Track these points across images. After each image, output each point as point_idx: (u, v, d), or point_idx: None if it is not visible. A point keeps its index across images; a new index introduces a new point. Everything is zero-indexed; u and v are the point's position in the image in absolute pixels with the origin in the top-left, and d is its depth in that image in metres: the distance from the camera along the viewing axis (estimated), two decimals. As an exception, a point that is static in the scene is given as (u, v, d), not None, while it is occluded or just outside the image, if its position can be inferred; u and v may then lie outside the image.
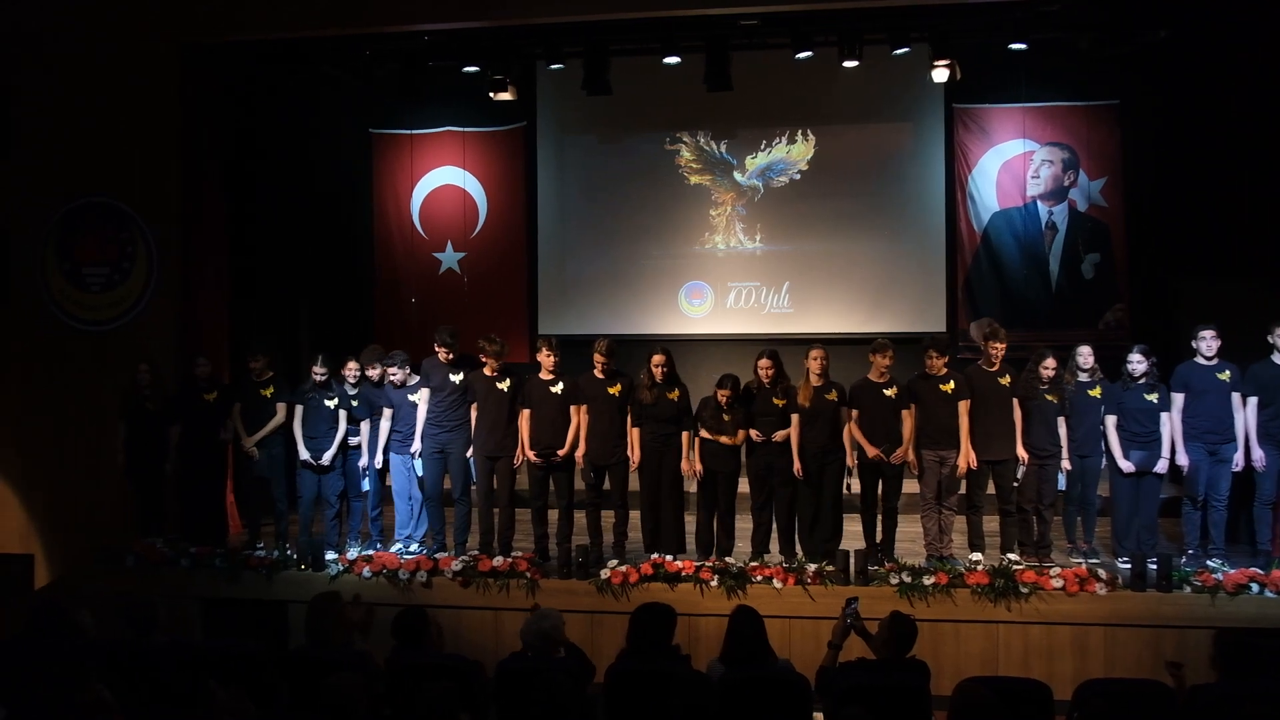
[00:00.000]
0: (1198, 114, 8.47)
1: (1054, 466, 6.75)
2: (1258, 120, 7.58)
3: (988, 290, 10.00)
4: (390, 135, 10.60)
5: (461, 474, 7.05)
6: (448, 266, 10.59)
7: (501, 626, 6.35)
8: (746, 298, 10.33)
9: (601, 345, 6.79)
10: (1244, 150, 7.83)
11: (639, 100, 9.91)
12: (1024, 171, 9.94)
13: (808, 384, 6.62)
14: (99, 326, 7.91)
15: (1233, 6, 7.43)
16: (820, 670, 4.60)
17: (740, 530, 6.92)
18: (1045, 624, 6.12)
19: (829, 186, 10.16)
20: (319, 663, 4.41)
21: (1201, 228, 8.53)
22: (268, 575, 6.76)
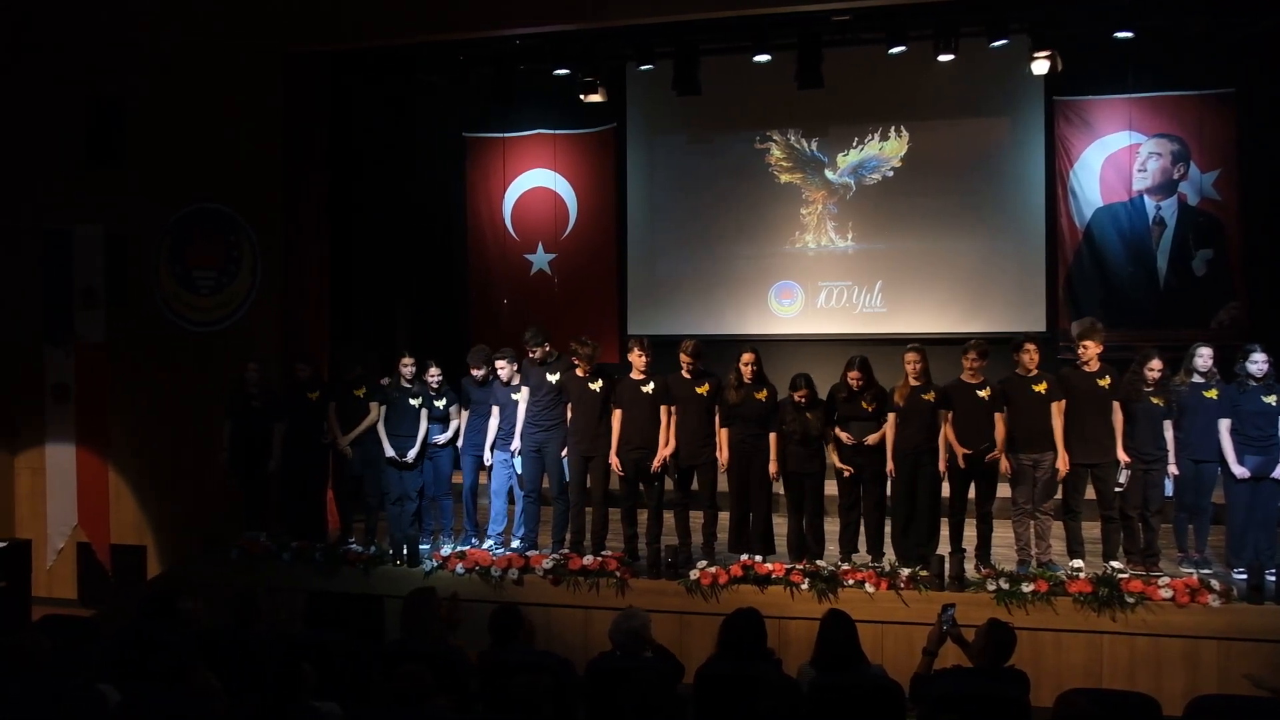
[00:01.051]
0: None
1: (1160, 472, 6.49)
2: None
3: (1090, 289, 9.66)
4: (483, 139, 10.78)
5: (558, 473, 7.13)
6: (538, 268, 10.72)
7: (591, 625, 6.39)
8: (838, 297, 10.19)
9: (688, 346, 6.78)
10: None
11: (729, 99, 9.88)
12: (1130, 165, 9.57)
13: (905, 384, 6.49)
14: (208, 327, 8.24)
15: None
16: (914, 677, 4.51)
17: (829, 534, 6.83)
18: (1153, 636, 5.88)
19: (923, 183, 9.96)
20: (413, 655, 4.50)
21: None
22: (364, 570, 6.93)
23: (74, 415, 8.41)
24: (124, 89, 8.29)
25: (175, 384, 8.20)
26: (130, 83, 8.28)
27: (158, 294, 8.31)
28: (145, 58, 8.24)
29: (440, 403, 7.42)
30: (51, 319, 8.43)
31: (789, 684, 4.16)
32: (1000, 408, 6.44)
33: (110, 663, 4.48)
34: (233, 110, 8.11)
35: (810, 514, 6.69)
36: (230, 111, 8.11)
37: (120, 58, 8.28)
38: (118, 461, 8.36)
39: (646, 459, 6.79)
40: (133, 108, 8.30)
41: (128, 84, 8.28)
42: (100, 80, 8.32)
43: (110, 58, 8.30)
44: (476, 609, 6.19)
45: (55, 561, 8.44)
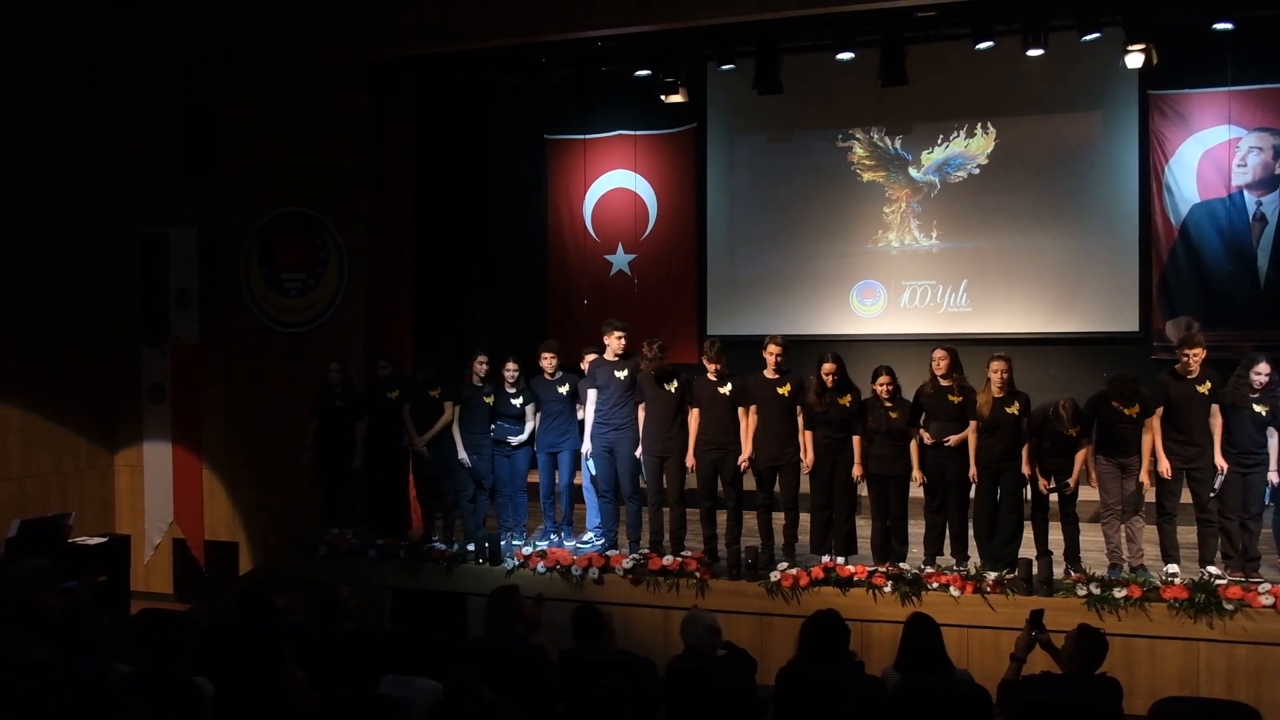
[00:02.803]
0: None
1: (1260, 476, 6.24)
2: None
3: (1186, 288, 9.33)
4: (564, 140, 10.88)
5: (630, 472, 7.15)
6: (618, 269, 10.77)
7: (670, 625, 6.36)
8: (922, 297, 10.02)
9: (774, 341, 6.72)
10: None
11: (810, 98, 9.80)
12: (1229, 160, 9.21)
13: (988, 393, 6.35)
14: (296, 328, 8.46)
15: None
16: (1002, 684, 4.41)
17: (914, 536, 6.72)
18: (1253, 644, 5.67)
19: (1011, 181, 9.73)
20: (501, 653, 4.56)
21: None
22: (447, 568, 7.04)
23: (170, 414, 8.69)
24: (215, 96, 8.57)
25: (265, 384, 8.43)
26: (221, 90, 8.55)
27: (248, 296, 8.56)
28: (235, 66, 8.50)
29: (517, 401, 7.49)
30: (148, 321, 8.74)
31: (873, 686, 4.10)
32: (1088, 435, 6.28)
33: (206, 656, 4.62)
34: (319, 115, 8.32)
35: (894, 516, 6.60)
36: (316, 117, 8.33)
37: (211, 66, 8.56)
38: (211, 459, 8.63)
39: (723, 459, 6.78)
40: (223, 115, 8.57)
41: (218, 92, 8.56)
42: (192, 88, 8.62)
43: (201, 66, 8.58)
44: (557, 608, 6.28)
45: (152, 556, 8.73)
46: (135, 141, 8.79)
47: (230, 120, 8.57)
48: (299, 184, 8.42)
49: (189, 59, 8.63)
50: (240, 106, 8.53)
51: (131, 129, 8.79)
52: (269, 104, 8.43)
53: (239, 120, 8.53)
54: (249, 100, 8.50)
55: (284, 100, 8.40)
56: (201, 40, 8.59)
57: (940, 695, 4.16)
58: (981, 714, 4.11)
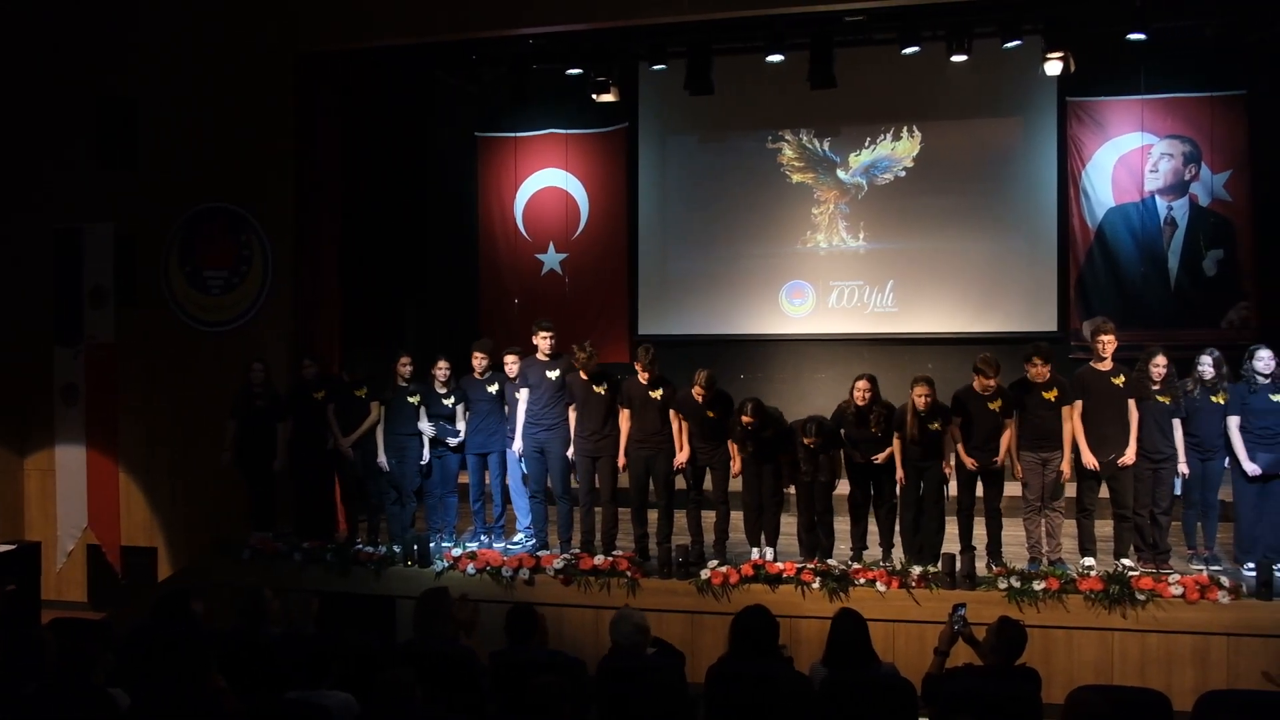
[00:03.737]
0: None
1: (1169, 470, 6.47)
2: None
3: (1102, 289, 9.64)
4: (495, 138, 10.81)
5: (562, 472, 7.14)
6: (549, 268, 10.74)
7: (602, 625, 6.34)
8: (849, 297, 10.18)
9: (701, 377, 6.58)
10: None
11: (741, 99, 9.89)
12: (1142, 166, 9.55)
13: (913, 416, 6.42)
14: (218, 327, 8.25)
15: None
16: (926, 677, 4.50)
17: (840, 531, 6.82)
18: (1163, 633, 5.88)
19: (935, 183, 9.95)
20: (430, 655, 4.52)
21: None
22: (376, 570, 6.94)
23: (84, 416, 8.40)
24: (134, 89, 8.31)
25: (186, 384, 8.20)
26: (141, 82, 8.29)
27: (168, 294, 8.32)
28: (155, 57, 8.24)
29: (449, 401, 7.42)
30: (61, 319, 8.43)
31: (801, 681, 4.16)
32: (1009, 414, 6.43)
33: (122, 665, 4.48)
34: (244, 109, 8.13)
35: (820, 512, 6.69)
36: (242, 111, 8.13)
37: (130, 57, 8.29)
38: (128, 463, 8.37)
39: (655, 458, 6.80)
40: (144, 107, 8.31)
41: (138, 84, 8.30)
42: (110, 80, 8.33)
43: (120, 57, 8.30)
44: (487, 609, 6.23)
45: (65, 564, 8.43)
46: (50, 135, 8.47)
47: (151, 114, 8.30)
48: (223, 180, 8.20)
49: (108, 50, 8.34)
50: (162, 100, 8.27)
51: (46, 122, 8.48)
52: (192, 97, 8.20)
53: (160, 114, 8.28)
54: (171, 93, 8.25)
55: (208, 94, 8.17)
56: (121, 31, 8.31)
57: (866, 688, 4.24)
58: (906, 706, 4.19)
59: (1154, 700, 4.16)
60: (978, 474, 6.49)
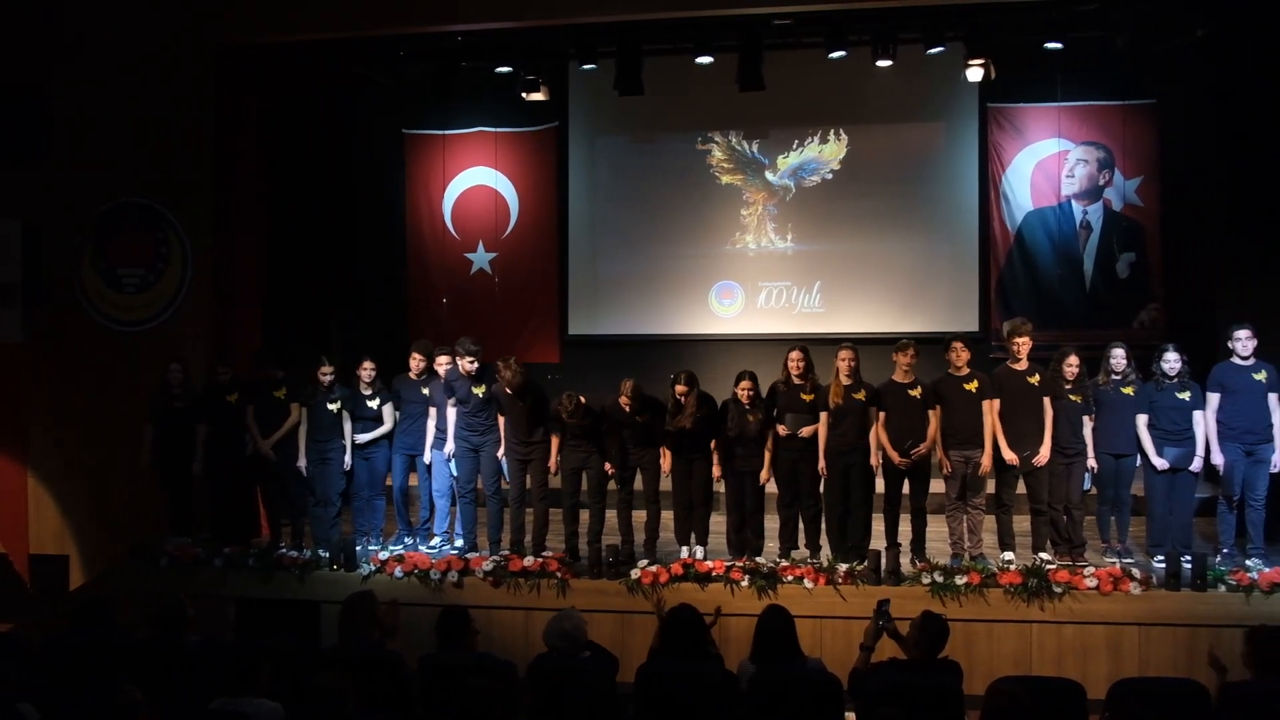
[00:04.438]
0: (1234, 113, 8.36)
1: (1081, 465, 6.68)
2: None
3: (1021, 290, 9.91)
4: (423, 136, 10.68)
5: (493, 472, 7.09)
6: (479, 267, 10.65)
7: (532, 626, 6.36)
8: (778, 297, 10.30)
9: (627, 388, 6.61)
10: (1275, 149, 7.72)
11: (671, 100, 9.92)
12: (1058, 171, 9.84)
13: (837, 383, 6.59)
14: (134, 327, 8.01)
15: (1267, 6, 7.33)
16: (853, 672, 4.58)
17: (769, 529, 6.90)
18: (1079, 624, 6.07)
19: (861, 186, 10.12)
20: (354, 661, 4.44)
21: (1237, 228, 8.42)
22: (300, 575, 6.81)
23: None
24: (43, 79, 8.00)
25: (99, 386, 7.94)
26: (49, 72, 7.99)
27: (80, 292, 8.04)
28: (65, 45, 7.95)
29: (373, 402, 7.31)
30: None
31: (729, 679, 4.19)
32: (932, 406, 6.57)
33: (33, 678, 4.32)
34: (162, 103, 7.89)
35: (750, 510, 6.75)
36: (159, 104, 7.89)
37: (36, 45, 7.98)
38: (37, 467, 8.06)
39: (587, 459, 6.80)
40: (53, 98, 8.01)
41: (46, 73, 7.99)
42: (14, 69, 8.02)
43: (26, 46, 7.99)
44: (415, 613, 6.16)
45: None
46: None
47: (61, 105, 8.01)
48: (139, 175, 7.96)
49: (10, 37, 8.02)
50: (72, 91, 7.98)
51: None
52: (106, 89, 7.93)
53: (71, 105, 7.99)
54: (83, 83, 7.96)
55: (125, 85, 7.91)
56: (26, 18, 8.00)
57: (793, 684, 4.29)
58: (832, 701, 4.25)
59: (1069, 689, 4.30)
60: (904, 473, 6.60)
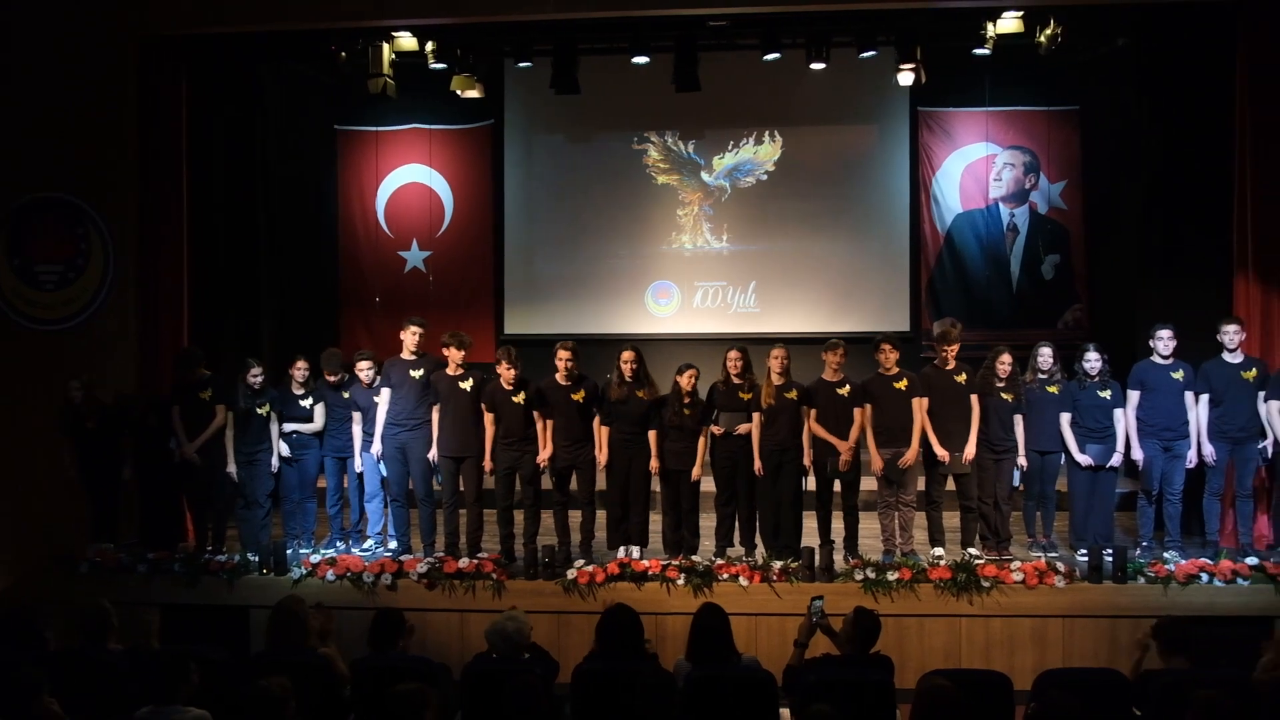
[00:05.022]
0: (1153, 120, 8.64)
1: (1010, 461, 6.85)
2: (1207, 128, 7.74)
3: (950, 290, 10.13)
4: (355, 132, 10.53)
5: (424, 474, 7.01)
6: (413, 265, 10.54)
7: (467, 629, 6.32)
8: (713, 297, 10.37)
9: (564, 347, 6.73)
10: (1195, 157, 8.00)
11: (607, 100, 9.93)
12: (986, 174, 10.08)
13: (769, 382, 6.67)
14: (53, 326, 7.75)
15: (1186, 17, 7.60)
16: (787, 668, 4.63)
17: (705, 528, 6.94)
18: (1006, 617, 6.21)
19: (795, 187, 10.24)
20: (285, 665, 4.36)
21: (1156, 231, 8.69)
22: (228, 580, 6.65)
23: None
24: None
25: (16, 387, 7.66)
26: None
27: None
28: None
29: (306, 402, 7.18)
30: None
31: (665, 677, 4.20)
32: (860, 404, 6.68)
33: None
34: (83, 94, 7.63)
35: (686, 510, 6.78)
36: (80, 97, 7.63)
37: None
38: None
39: (521, 458, 6.77)
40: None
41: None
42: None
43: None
44: (349, 616, 6.07)
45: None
46: None
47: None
48: (58, 169, 7.70)
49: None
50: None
51: None
52: (22, 80, 7.65)
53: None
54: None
55: (41, 77, 7.64)
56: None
57: (729, 682, 4.32)
58: (767, 698, 4.29)
59: (997, 681, 4.40)
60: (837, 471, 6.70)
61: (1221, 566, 6.23)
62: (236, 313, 9.20)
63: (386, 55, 8.22)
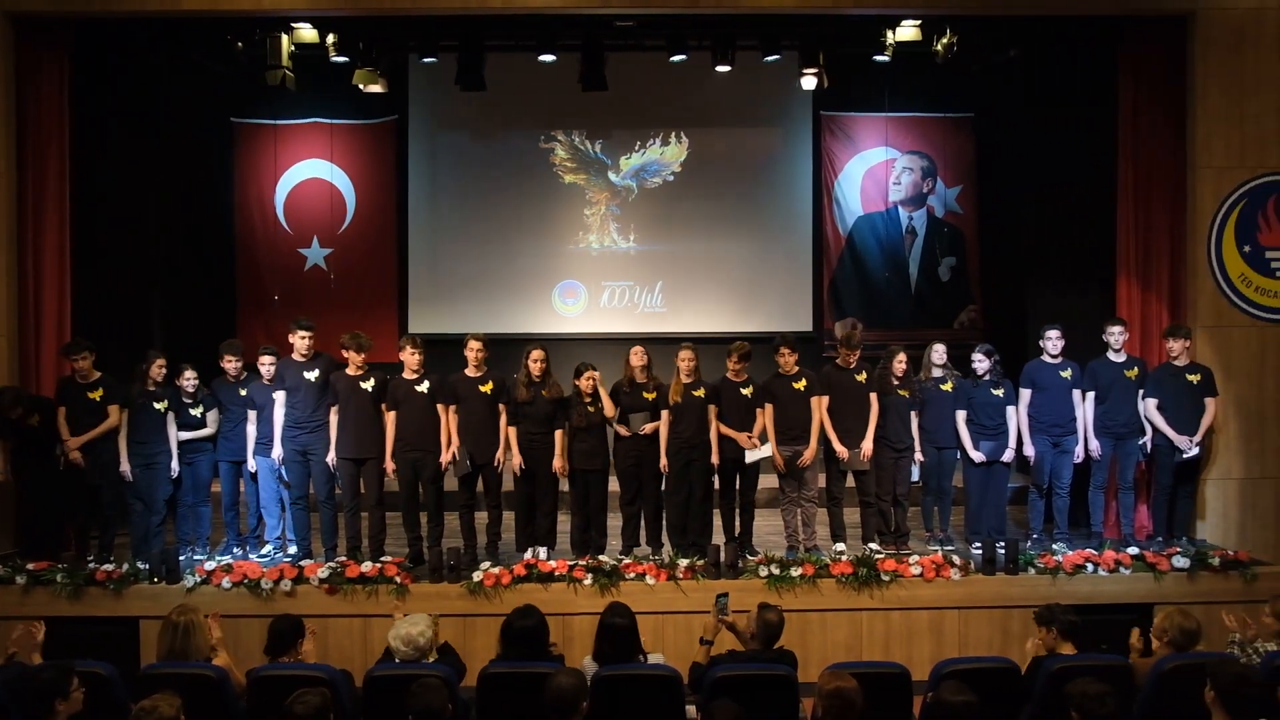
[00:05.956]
0: (1042, 127, 8.99)
1: (908, 459, 7.03)
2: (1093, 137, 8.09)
3: (852, 291, 10.36)
4: (253, 125, 10.22)
5: (324, 477, 6.85)
6: (314, 263, 10.29)
7: (371, 634, 6.20)
8: (620, 297, 10.40)
9: (475, 338, 6.70)
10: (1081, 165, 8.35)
11: (514, 97, 9.86)
12: (886, 178, 10.34)
13: (678, 381, 6.73)
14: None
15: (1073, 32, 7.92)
16: (692, 665, 4.67)
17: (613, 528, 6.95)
18: (905, 610, 6.38)
19: (702, 188, 10.33)
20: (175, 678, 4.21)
21: (1046, 235, 9.05)
22: (116, 590, 6.37)
23: None
24: None
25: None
26: None
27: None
28: None
29: (196, 410, 6.96)
30: None
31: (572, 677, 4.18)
32: (761, 404, 6.78)
33: None
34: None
35: (594, 510, 6.78)
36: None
37: None
38: None
39: (424, 459, 6.66)
40: None
41: None
42: None
43: None
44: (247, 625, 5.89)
45: None
46: None
47: None
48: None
49: None
50: None
51: None
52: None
53: None
54: None
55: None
56: None
57: (635, 681, 4.33)
58: (673, 696, 4.32)
59: (896, 672, 4.51)
60: (738, 468, 6.78)
61: (1105, 557, 6.52)
62: (126, 310, 8.81)
63: (285, 47, 7.99)
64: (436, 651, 4.65)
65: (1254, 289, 7.30)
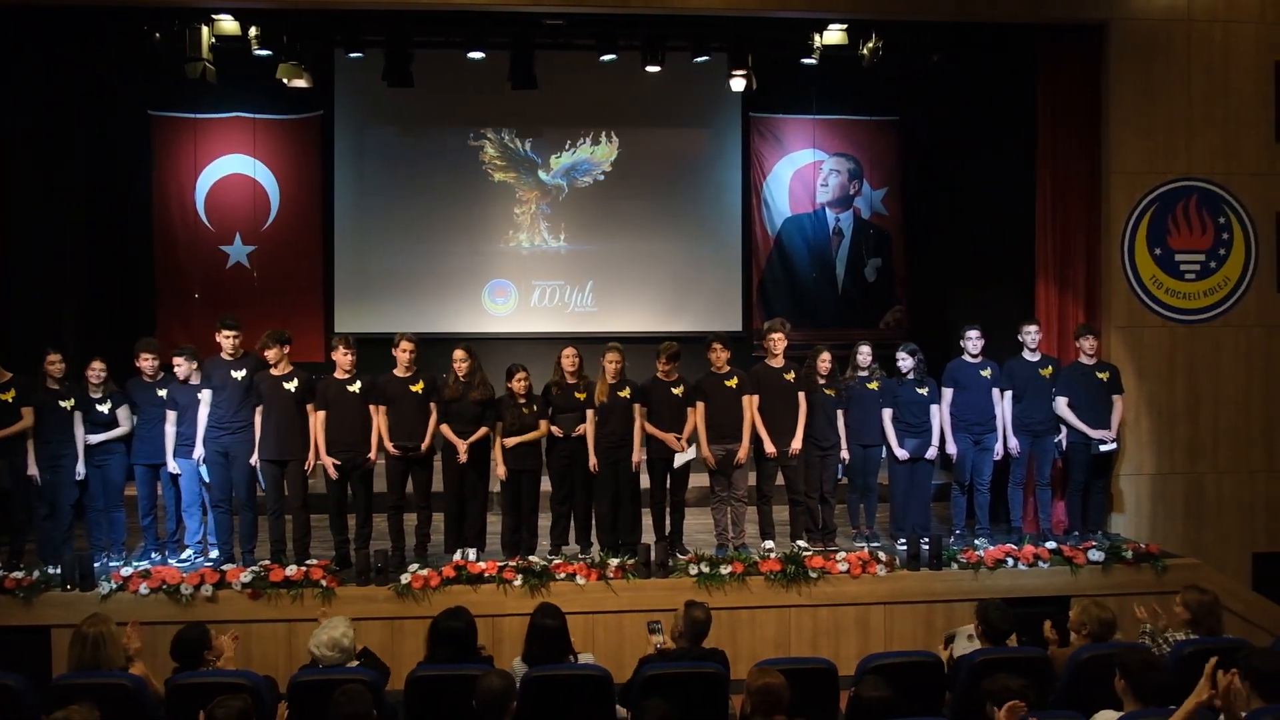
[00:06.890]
0: (964, 132, 9.20)
1: (835, 457, 7.14)
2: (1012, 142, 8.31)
3: (780, 291, 10.48)
4: (172, 119, 9.94)
5: (246, 479, 6.69)
6: (236, 260, 10.05)
7: (295, 639, 6.07)
8: (550, 296, 10.37)
9: (405, 338, 6.62)
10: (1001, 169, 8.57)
11: (442, 94, 9.77)
12: (814, 179, 10.48)
13: (604, 382, 6.72)
14: None
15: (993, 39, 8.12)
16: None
17: (543, 529, 6.92)
18: (832, 606, 6.48)
19: (632, 188, 10.35)
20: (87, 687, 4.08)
21: (967, 237, 9.27)
22: (25, 597, 6.14)
23: None
24: None
25: None
26: None
27: None
28: None
29: (104, 406, 6.72)
30: None
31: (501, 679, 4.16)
32: (693, 403, 6.82)
33: None
34: None
35: (526, 511, 6.75)
36: None
37: None
38: None
39: (352, 460, 6.56)
40: None
41: None
42: None
43: None
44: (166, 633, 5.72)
45: None
46: None
47: None
48: None
49: None
50: None
51: None
52: None
53: None
54: None
55: None
56: None
57: (565, 682, 4.33)
58: (603, 696, 4.32)
59: (823, 667, 4.58)
60: (667, 467, 6.81)
61: (1024, 551, 6.71)
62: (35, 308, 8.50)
63: (206, 39, 7.78)
64: (357, 656, 4.58)
65: (1165, 291, 7.58)
